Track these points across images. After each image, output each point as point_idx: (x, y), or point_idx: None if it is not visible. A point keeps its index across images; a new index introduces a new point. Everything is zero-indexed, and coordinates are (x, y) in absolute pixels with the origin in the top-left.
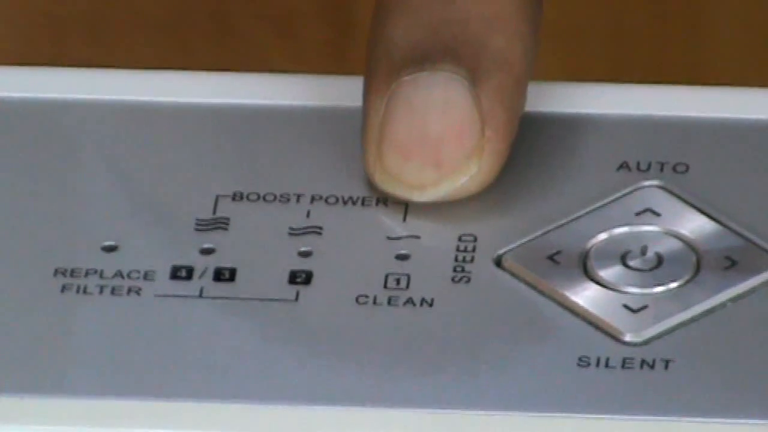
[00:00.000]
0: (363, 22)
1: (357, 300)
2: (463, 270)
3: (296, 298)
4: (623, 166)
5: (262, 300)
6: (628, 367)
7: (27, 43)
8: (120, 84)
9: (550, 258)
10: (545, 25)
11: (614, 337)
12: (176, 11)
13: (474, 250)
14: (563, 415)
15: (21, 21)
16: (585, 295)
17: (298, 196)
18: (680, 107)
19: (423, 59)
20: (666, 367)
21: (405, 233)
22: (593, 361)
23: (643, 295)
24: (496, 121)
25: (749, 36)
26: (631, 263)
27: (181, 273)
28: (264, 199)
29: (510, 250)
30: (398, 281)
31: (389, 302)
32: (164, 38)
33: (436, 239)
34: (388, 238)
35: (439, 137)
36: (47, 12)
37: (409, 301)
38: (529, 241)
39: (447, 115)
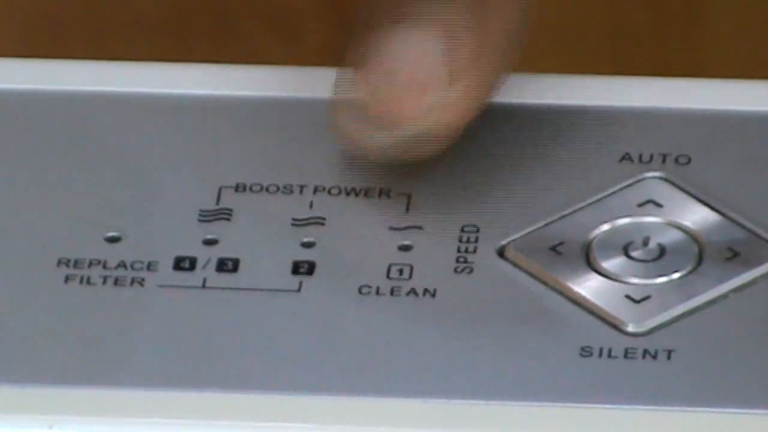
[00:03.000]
0: None
1: (360, 290)
2: (465, 260)
3: (299, 289)
4: (626, 157)
5: (265, 290)
6: (631, 357)
7: (27, 43)
8: (123, 76)
9: (553, 249)
10: (545, 24)
11: (617, 327)
12: (176, 11)
13: (477, 240)
14: (566, 404)
15: (21, 21)
16: (588, 286)
17: (301, 187)
18: (682, 99)
19: (404, 15)
20: (668, 357)
21: (407, 224)
22: (596, 351)
23: (645, 285)
24: (465, 81)
25: (750, 36)
26: (634, 254)
27: (184, 264)
28: (267, 190)
29: (513, 241)
30: (401, 271)
31: (392, 292)
32: (164, 38)
33: (439, 230)
34: (391, 228)
35: (405, 86)
36: (47, 12)
37: (412, 291)
38: (532, 231)
39: (417, 67)
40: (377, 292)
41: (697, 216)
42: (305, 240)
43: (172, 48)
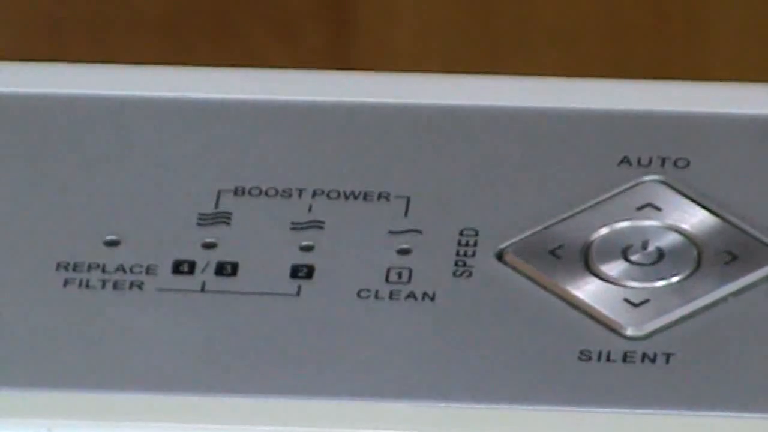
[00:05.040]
0: (363, 22)
1: (359, 294)
2: (464, 264)
3: (298, 293)
4: (624, 161)
5: (263, 294)
6: (630, 361)
7: (27, 43)
8: (121, 79)
9: (552, 252)
10: (545, 25)
11: (615, 331)
12: (176, 11)
13: (475, 244)
14: (564, 408)
15: (21, 21)
16: (586, 289)
17: (300, 191)
18: (681, 102)
19: None
20: (667, 361)
21: (406, 227)
22: (594, 355)
23: (644, 289)
24: None
25: (751, 36)
26: (633, 257)
27: (183, 267)
28: (266, 193)
29: (511, 245)
30: (400, 275)
31: (391, 296)
32: (164, 38)
33: (438, 233)
34: (390, 232)
35: None
36: (47, 12)
37: (411, 295)
38: (531, 235)
39: None
40: (376, 296)
41: (695, 219)
42: (304, 244)
43: (172, 48)
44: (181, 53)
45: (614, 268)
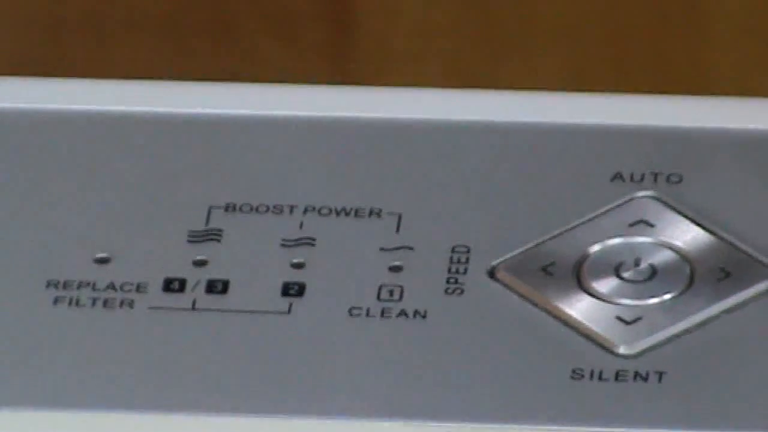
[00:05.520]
0: (363, 22)
1: (350, 312)
2: (456, 281)
3: (289, 311)
4: (617, 176)
5: (254, 312)
6: (622, 380)
7: (27, 43)
8: (113, 94)
9: (544, 269)
10: (545, 24)
11: (608, 349)
12: (176, 11)
13: (467, 261)
14: (556, 427)
15: (21, 21)
16: (578, 307)
17: (291, 208)
18: (674, 117)
19: None
20: (659, 379)
21: (398, 244)
22: (587, 374)
23: (636, 306)
24: None
25: (751, 35)
26: (625, 275)
27: (173, 285)
28: (257, 210)
29: (503, 262)
30: (391, 293)
31: (382, 314)
32: (164, 38)
33: (430, 250)
34: (382, 249)
35: None
36: (47, 12)
37: (402, 312)
38: (523, 252)
39: None
40: (368, 314)
41: (688, 236)
42: (295, 261)
43: (172, 48)
44: (181, 53)
45: (606, 285)
